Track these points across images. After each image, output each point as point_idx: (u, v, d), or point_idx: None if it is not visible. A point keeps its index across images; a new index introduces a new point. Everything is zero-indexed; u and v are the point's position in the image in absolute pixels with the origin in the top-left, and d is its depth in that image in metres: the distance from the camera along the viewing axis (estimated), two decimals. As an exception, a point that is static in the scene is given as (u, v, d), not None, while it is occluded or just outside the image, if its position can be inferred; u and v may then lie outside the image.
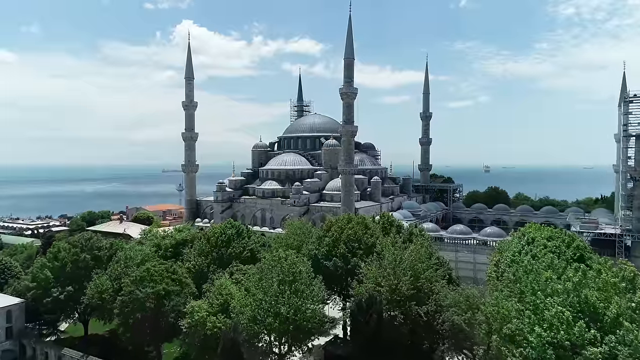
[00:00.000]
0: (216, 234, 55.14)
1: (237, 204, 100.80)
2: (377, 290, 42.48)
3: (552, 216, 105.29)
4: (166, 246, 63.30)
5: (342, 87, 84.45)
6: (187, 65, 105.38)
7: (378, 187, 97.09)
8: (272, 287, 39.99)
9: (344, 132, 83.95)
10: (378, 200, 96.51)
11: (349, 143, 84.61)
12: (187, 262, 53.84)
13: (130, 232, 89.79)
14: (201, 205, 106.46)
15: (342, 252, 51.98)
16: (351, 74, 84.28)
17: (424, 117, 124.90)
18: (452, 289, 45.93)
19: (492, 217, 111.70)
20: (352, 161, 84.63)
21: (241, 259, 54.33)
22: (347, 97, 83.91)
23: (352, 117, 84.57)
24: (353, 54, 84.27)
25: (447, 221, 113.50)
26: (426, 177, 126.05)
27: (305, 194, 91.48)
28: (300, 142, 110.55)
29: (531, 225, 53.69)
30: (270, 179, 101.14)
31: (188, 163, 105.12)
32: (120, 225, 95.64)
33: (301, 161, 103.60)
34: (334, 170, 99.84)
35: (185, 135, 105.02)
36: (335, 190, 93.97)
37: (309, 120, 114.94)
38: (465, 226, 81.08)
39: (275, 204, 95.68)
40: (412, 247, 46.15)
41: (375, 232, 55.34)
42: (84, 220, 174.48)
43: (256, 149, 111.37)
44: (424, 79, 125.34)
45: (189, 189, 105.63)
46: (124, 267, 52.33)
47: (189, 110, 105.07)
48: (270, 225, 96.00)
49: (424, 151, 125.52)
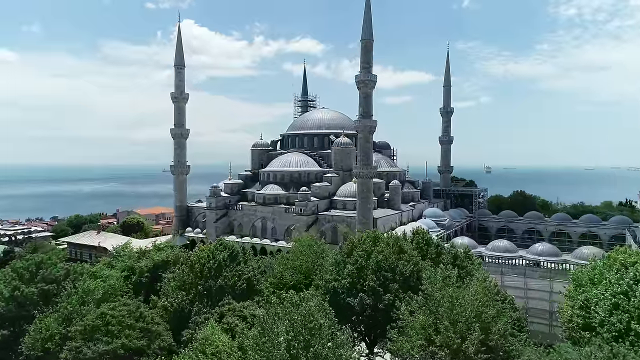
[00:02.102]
0: (202, 259, 41.62)
1: (233, 212, 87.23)
2: (431, 352, 29.20)
3: (595, 225, 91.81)
4: (141, 270, 49.92)
5: (359, 74, 70.96)
6: (177, 52, 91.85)
7: (398, 192, 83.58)
8: (279, 349, 26.49)
9: (360, 127, 70.43)
10: (398, 207, 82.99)
11: (366, 141, 71.09)
12: (164, 298, 40.39)
13: (107, 245, 76.28)
14: (192, 213, 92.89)
15: (371, 286, 38.75)
16: (369, 59, 70.80)
17: (445, 112, 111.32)
18: (531, 346, 32.64)
19: (523, 227, 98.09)
20: (370, 162, 71.16)
21: (235, 292, 41.01)
22: (364, 86, 70.39)
23: (370, 109, 71.08)
24: (372, 35, 70.80)
25: (471, 230, 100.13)
26: (447, 181, 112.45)
27: (314, 200, 77.94)
28: (306, 140, 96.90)
29: (623, 250, 40.25)
30: (272, 182, 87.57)
31: (178, 164, 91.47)
32: (98, 237, 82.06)
33: (308, 162, 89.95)
34: (346, 172, 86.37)
35: (175, 132, 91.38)
36: (348, 196, 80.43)
37: (316, 115, 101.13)
38: (509, 242, 67.49)
39: (277, 211, 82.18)
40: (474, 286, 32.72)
41: (413, 257, 41.93)
42: (70, 224, 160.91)
43: (256, 148, 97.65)
44: (445, 71, 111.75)
45: (178, 193, 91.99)
46: (79, 304, 38.90)
47: (179, 103, 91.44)
48: (271, 237, 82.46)
49: (445, 151, 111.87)
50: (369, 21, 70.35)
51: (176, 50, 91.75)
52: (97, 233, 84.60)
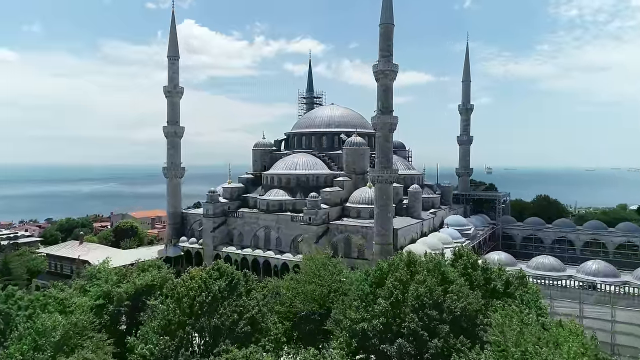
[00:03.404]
0: (193, 291, 32.42)
1: (233, 220, 77.95)
2: None
3: (634, 235, 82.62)
4: (120, 297, 40.83)
5: (377, 63, 61.73)
6: (171, 42, 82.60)
7: (418, 198, 74.32)
8: None
9: (379, 124, 61.18)
10: (418, 215, 73.74)
11: (385, 140, 61.82)
12: (142, 343, 31.22)
13: (89, 258, 67.06)
14: (187, 220, 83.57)
15: (411, 328, 29.78)
16: (389, 46, 61.59)
17: (464, 110, 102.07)
18: None
19: (553, 235, 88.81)
20: (390, 165, 61.91)
21: (235, 334, 31.96)
22: (383, 77, 61.19)
23: (390, 104, 61.85)
24: (392, 19, 61.60)
25: (494, 239, 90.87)
26: (466, 184, 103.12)
27: (324, 207, 68.70)
28: (314, 139, 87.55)
29: None
30: (277, 186, 78.28)
31: (171, 165, 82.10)
32: (79, 248, 72.71)
33: (316, 164, 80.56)
34: (358, 176, 77.19)
35: (168, 130, 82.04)
36: (362, 203, 71.20)
37: (325, 112, 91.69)
38: (554, 258, 58.14)
39: (283, 220, 72.99)
40: (567, 340, 23.58)
41: (463, 288, 32.76)
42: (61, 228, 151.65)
43: (258, 149, 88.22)
44: (464, 64, 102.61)
45: (172, 198, 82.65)
46: (31, 348, 29.79)
47: (173, 98, 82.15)
48: (276, 248, 73.26)
49: (464, 152, 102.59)
50: (389, 2, 61.21)
51: (170, 40, 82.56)
52: (79, 243, 75.07)
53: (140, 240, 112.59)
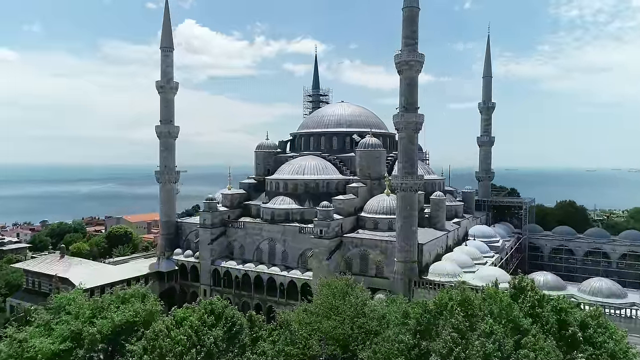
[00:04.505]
0: (180, 345, 24.18)
1: (233, 230, 69.52)
2: None
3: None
4: (93, 339, 32.52)
5: (400, 52, 53.37)
6: (164, 32, 74.11)
7: (442, 207, 65.89)
8: None
9: (402, 123, 52.82)
10: (442, 226, 65.33)
11: (410, 142, 53.43)
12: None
13: (69, 275, 58.65)
14: (183, 230, 75.09)
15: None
16: (414, 32, 53.25)
17: (485, 108, 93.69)
18: None
19: (586, 247, 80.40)
20: (415, 171, 53.55)
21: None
22: (408, 69, 52.82)
23: (415, 100, 53.50)
24: (417, 1, 53.28)
25: (520, 251, 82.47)
26: (487, 189, 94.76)
27: (337, 218, 60.30)
28: (323, 140, 78.96)
29: None
30: (283, 193, 69.87)
31: (164, 169, 73.54)
32: (60, 263, 64.15)
33: (326, 168, 72.12)
34: (374, 181, 68.85)
35: (161, 130, 73.51)
36: (380, 212, 62.78)
37: (334, 110, 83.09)
38: (612, 281, 49.62)
39: (290, 231, 64.62)
40: None
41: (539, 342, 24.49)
42: (51, 234, 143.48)
43: (261, 151, 79.59)
44: (485, 59, 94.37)
45: (165, 206, 74.05)
46: None
47: (167, 94, 73.64)
48: (282, 264, 64.89)
49: (485, 154, 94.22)
50: (413, -18, 52.87)
51: (163, 30, 74.14)
52: (60, 257, 66.25)
53: (134, 246, 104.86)
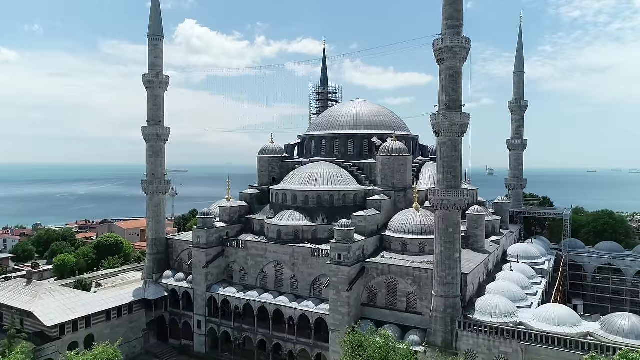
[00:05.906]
0: None
1: (233, 251, 58.85)
2: None
3: None
4: None
5: (440, 37, 42.82)
6: (153, 18, 63.29)
7: (481, 225, 55.18)
8: None
9: (444, 125, 42.23)
10: (482, 248, 54.69)
11: (453, 148, 42.80)
12: None
13: (34, 309, 47.94)
14: (174, 248, 64.41)
15: None
16: (459, 13, 42.69)
17: (517, 107, 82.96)
18: None
19: (637, 266, 69.93)
20: (458, 184, 42.97)
21: None
22: (451, 58, 42.24)
23: (459, 96, 42.90)
24: (461, -25, 42.65)
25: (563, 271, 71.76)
26: (519, 198, 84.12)
27: (359, 240, 49.66)
28: (337, 144, 68.00)
29: None
30: (291, 206, 59.14)
31: (152, 178, 62.94)
32: (26, 291, 53.20)
33: (342, 176, 61.37)
34: (398, 193, 58.24)
35: (148, 132, 62.74)
36: (409, 232, 52.05)
37: (349, 109, 72.07)
38: None
39: (300, 254, 53.96)
40: None
41: None
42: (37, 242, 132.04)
43: (265, 156, 68.59)
44: (516, 51, 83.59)
45: (153, 221, 63.27)
46: None
47: (154, 90, 62.82)
48: (290, 292, 54.20)
49: (516, 158, 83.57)
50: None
51: (151, 15, 63.34)
52: (27, 283, 55.22)
53: (126, 257, 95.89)
